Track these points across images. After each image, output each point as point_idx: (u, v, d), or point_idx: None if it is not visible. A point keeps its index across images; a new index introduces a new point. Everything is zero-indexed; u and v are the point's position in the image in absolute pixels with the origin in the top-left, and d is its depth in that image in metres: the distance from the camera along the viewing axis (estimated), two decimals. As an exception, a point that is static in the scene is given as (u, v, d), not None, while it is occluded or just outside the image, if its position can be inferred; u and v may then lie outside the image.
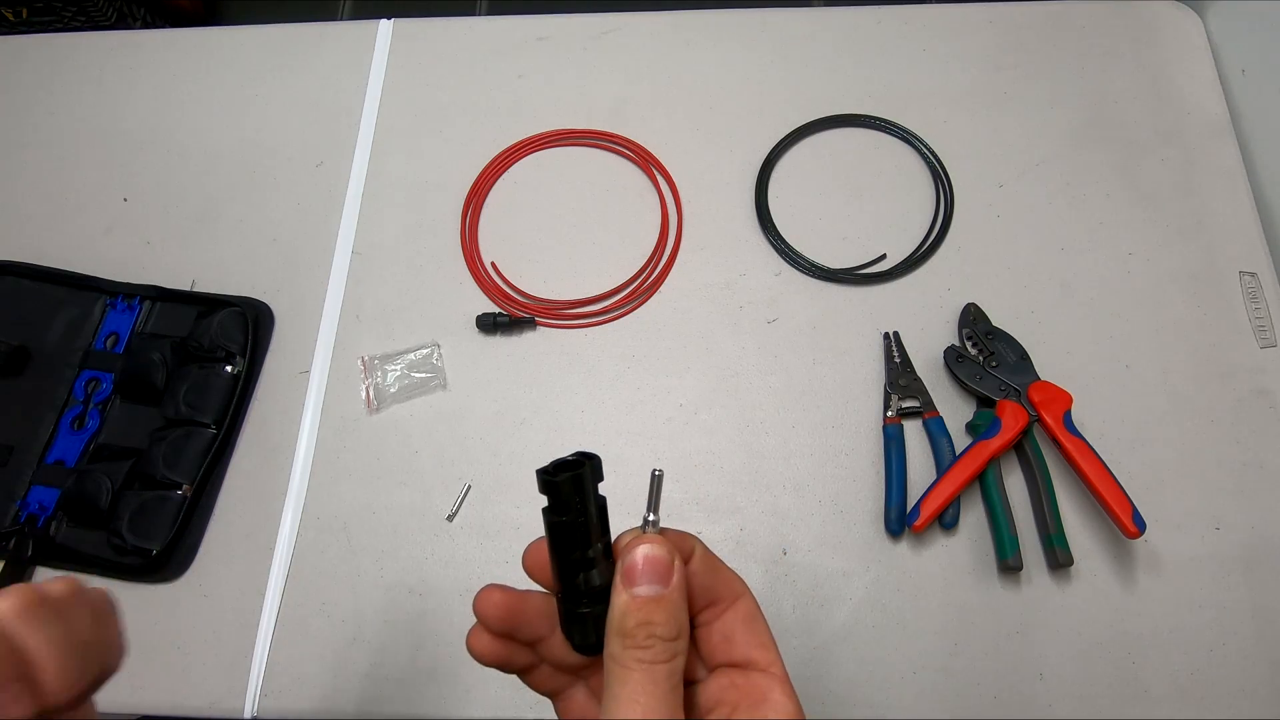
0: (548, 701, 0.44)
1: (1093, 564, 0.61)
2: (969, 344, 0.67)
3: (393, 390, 0.69)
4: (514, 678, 0.45)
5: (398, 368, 0.70)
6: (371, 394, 0.69)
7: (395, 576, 0.64)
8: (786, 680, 0.24)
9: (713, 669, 0.25)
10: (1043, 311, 0.69)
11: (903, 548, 0.63)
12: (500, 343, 0.71)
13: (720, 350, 0.70)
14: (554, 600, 0.26)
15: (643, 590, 0.23)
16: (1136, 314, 0.69)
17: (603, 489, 0.27)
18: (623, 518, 0.63)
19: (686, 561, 0.25)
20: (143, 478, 0.67)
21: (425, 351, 0.70)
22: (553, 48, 0.84)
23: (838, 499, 0.64)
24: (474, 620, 0.27)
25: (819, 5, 0.88)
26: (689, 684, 0.25)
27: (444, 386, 0.70)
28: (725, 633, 0.25)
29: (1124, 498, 0.58)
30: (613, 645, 0.23)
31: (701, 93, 0.81)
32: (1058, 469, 0.63)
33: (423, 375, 0.70)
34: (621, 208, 0.75)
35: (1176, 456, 0.64)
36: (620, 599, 0.23)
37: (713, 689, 0.24)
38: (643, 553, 0.24)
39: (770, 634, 0.24)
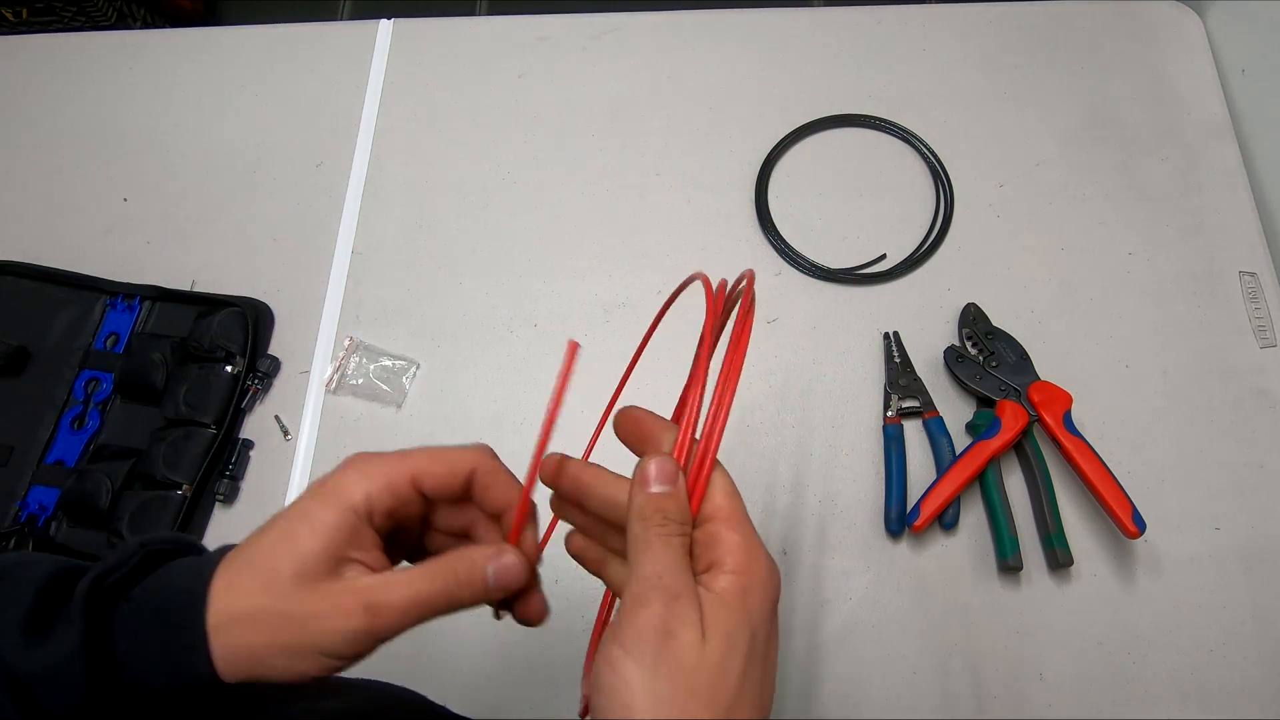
0: (547, 701, 0.45)
1: (1093, 564, 0.61)
2: (969, 344, 0.67)
3: (354, 383, 0.70)
4: (513, 680, 0.59)
5: (371, 366, 0.70)
6: (337, 375, 0.69)
7: (395, 576, 0.64)
8: (738, 525, 0.30)
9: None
10: (1043, 311, 0.69)
11: (903, 548, 0.63)
12: (500, 342, 0.71)
13: (720, 350, 0.70)
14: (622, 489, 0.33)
15: (656, 488, 0.30)
16: (1136, 314, 0.69)
17: None
18: (623, 518, 0.62)
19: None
20: (143, 478, 0.67)
21: (402, 365, 0.70)
22: (553, 48, 0.84)
23: (838, 499, 0.64)
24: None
25: (819, 5, 0.88)
26: None
27: (398, 406, 0.69)
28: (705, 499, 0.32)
29: (1124, 498, 0.58)
30: (634, 527, 0.30)
31: (701, 93, 0.81)
32: (1058, 469, 0.63)
33: (385, 387, 0.70)
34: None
35: (1176, 456, 0.64)
36: (638, 496, 0.30)
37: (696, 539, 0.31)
38: (655, 462, 0.31)
39: (727, 489, 0.31)
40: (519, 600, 0.35)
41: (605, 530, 0.35)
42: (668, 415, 0.37)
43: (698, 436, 0.32)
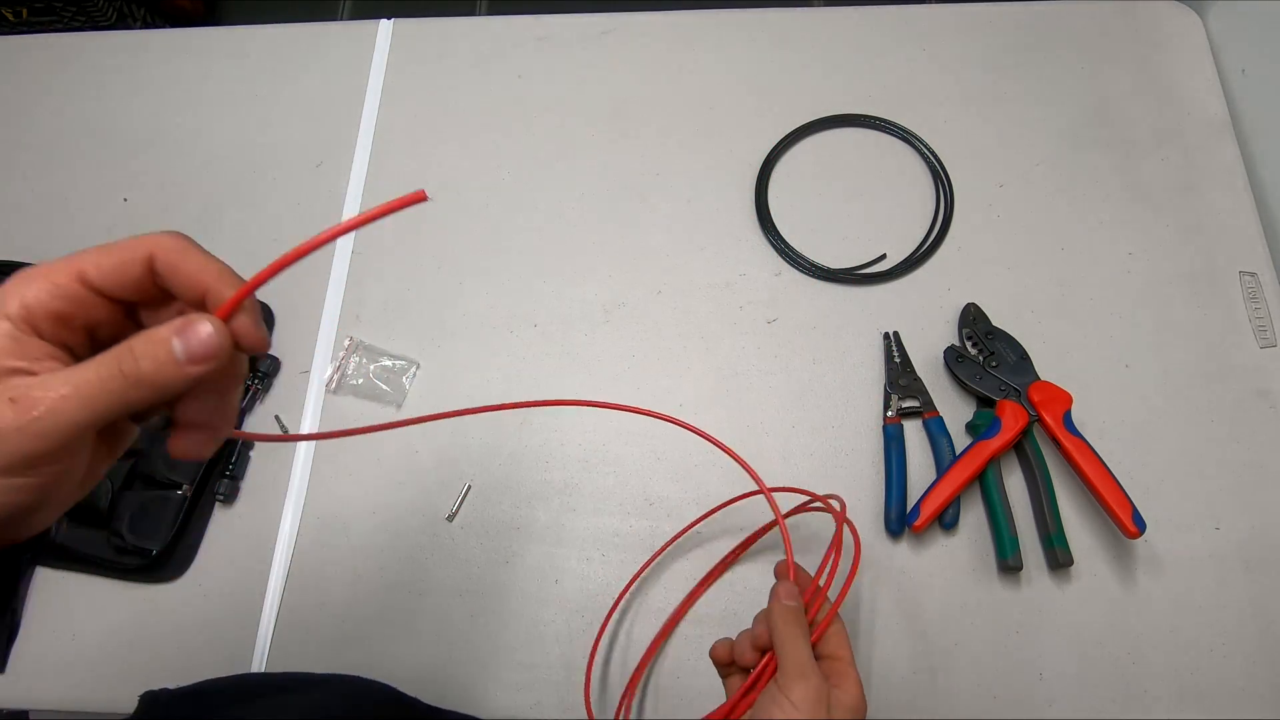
0: (545, 702, 0.44)
1: (1093, 564, 0.61)
2: (969, 344, 0.67)
3: (354, 383, 0.69)
4: (509, 680, 0.62)
5: (371, 366, 0.70)
6: (337, 375, 0.69)
7: (395, 576, 0.64)
8: (854, 666, 0.45)
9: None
10: (1043, 311, 0.69)
11: (903, 548, 0.63)
12: (500, 342, 0.71)
13: (720, 350, 0.70)
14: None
15: (789, 603, 0.45)
16: (1136, 314, 0.69)
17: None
18: (622, 517, 0.62)
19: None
20: (143, 478, 0.67)
21: (402, 365, 0.70)
22: (553, 48, 0.84)
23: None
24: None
25: (819, 5, 0.88)
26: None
27: (398, 406, 0.69)
28: (826, 641, 0.46)
29: (1124, 498, 0.58)
30: (776, 624, 0.44)
31: (701, 93, 0.81)
32: (1058, 469, 0.63)
33: (385, 387, 0.70)
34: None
35: (1176, 456, 0.64)
36: (778, 605, 0.45)
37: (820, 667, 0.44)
38: (784, 586, 0.46)
39: (848, 643, 0.45)
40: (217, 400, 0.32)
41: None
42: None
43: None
